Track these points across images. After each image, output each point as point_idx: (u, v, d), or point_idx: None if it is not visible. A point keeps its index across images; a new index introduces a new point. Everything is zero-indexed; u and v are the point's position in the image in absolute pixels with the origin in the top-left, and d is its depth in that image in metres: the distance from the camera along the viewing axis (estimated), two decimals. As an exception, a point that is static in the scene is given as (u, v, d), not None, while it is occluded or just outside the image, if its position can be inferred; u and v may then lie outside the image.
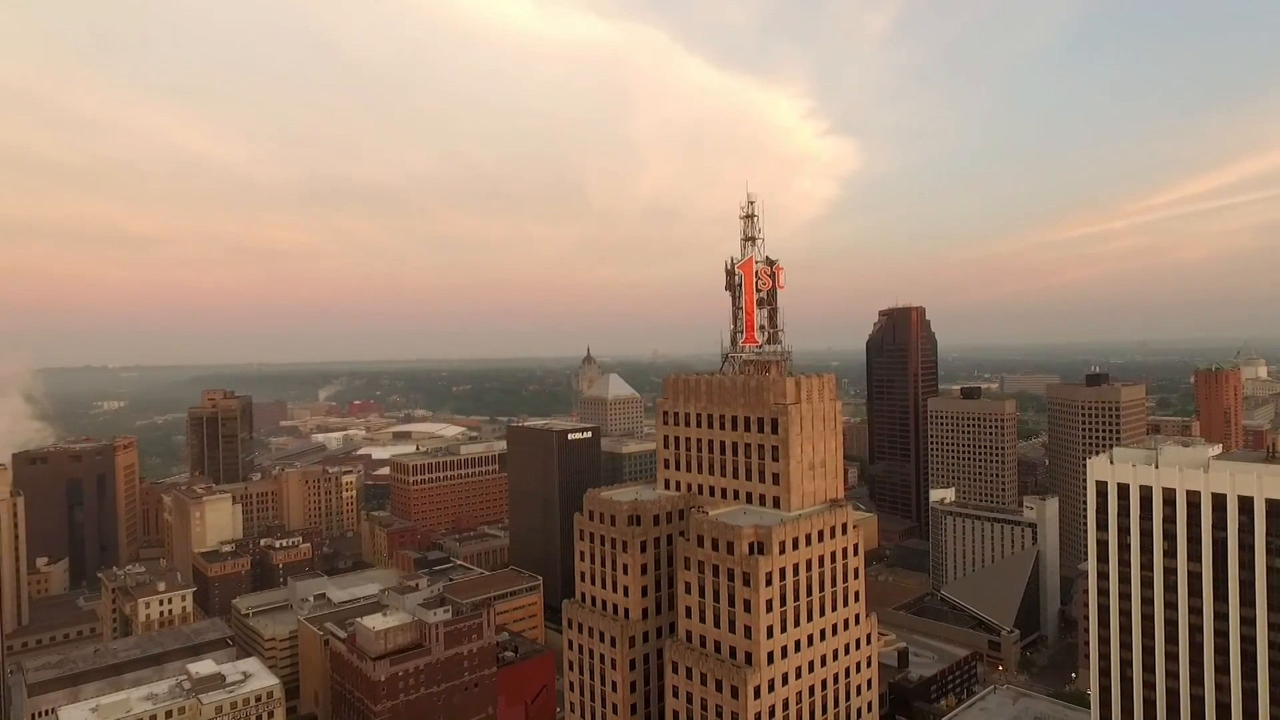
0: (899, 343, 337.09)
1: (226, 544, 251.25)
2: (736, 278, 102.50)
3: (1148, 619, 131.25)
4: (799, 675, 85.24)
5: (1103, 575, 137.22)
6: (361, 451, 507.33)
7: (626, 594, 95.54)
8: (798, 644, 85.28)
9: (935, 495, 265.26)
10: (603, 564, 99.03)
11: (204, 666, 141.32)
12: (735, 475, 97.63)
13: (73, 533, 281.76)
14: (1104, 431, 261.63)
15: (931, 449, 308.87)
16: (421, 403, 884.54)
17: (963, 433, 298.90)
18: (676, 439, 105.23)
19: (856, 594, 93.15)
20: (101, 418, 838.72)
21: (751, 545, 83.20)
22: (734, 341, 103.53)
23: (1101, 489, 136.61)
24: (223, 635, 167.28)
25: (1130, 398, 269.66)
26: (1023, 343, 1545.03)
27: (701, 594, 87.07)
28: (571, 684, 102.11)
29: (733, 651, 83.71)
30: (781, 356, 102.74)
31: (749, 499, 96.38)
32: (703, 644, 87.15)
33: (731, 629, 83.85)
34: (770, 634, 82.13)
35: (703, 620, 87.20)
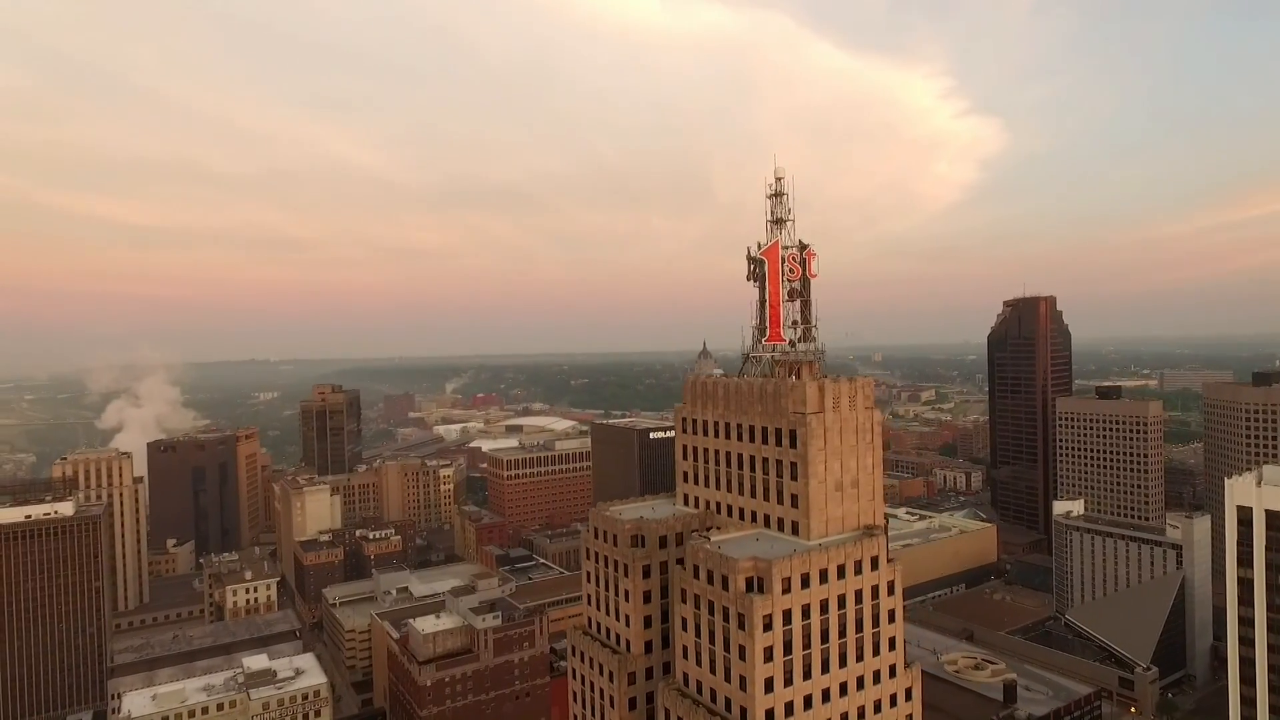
0: (1025, 336, 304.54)
1: (324, 533, 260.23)
2: (760, 266, 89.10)
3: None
4: (810, 737, 71.77)
5: (1246, 621, 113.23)
6: (474, 444, 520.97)
7: (628, 624, 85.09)
8: (809, 700, 71.75)
9: (1060, 507, 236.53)
10: (606, 588, 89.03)
11: (257, 661, 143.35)
12: (753, 494, 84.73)
13: (198, 517, 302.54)
14: (1273, 439, 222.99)
15: (1060, 454, 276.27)
16: (540, 396, 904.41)
17: (1098, 437, 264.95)
18: (695, 449, 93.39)
19: (892, 641, 78.03)
20: (257, 407, 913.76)
21: (749, 581, 70.54)
22: (756, 339, 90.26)
23: (1245, 516, 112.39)
24: (292, 627, 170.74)
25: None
26: (1192, 335, 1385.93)
27: (697, 633, 75.32)
28: (575, 718, 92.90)
29: (728, 704, 71.52)
30: (814, 356, 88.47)
31: (766, 522, 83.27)
32: (699, 690, 75.41)
33: (727, 677, 71.64)
34: (769, 688, 69.21)
35: (699, 663, 75.41)
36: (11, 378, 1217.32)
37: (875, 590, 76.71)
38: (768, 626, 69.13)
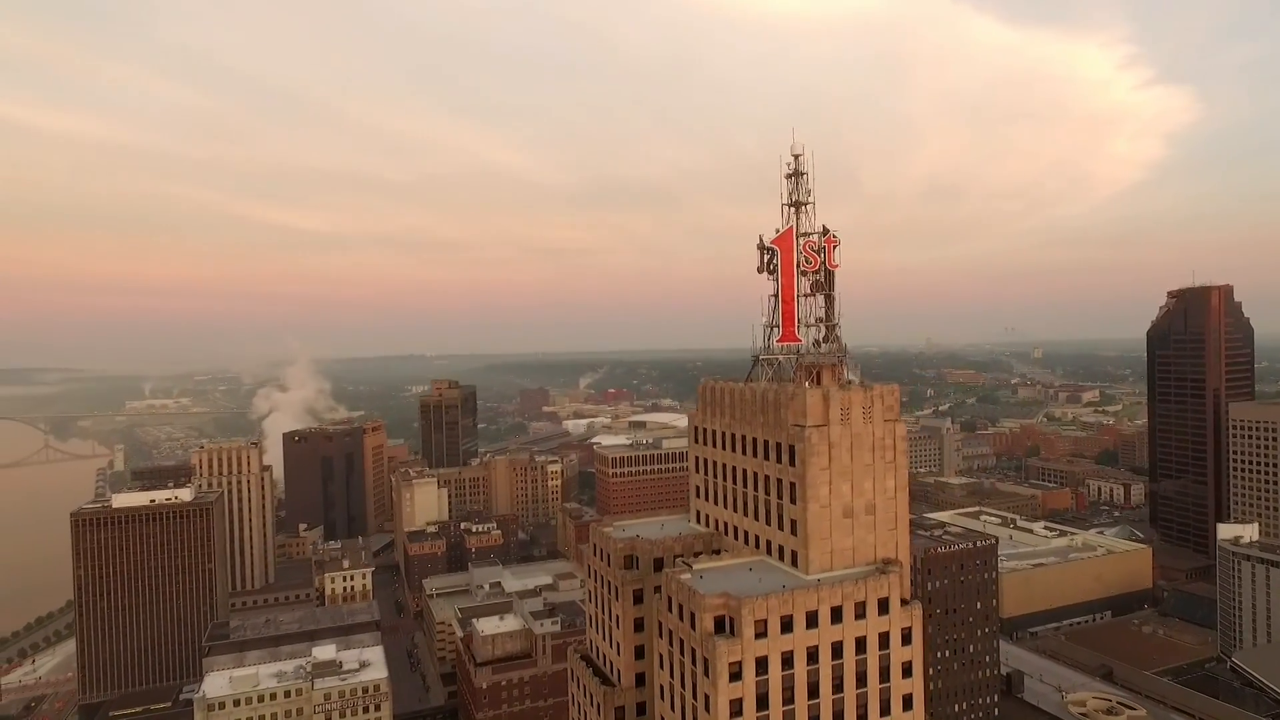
0: (1191, 332, 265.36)
1: (431, 525, 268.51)
2: (773, 256, 78.13)
3: None
4: (793, 808, 61.01)
5: None
6: (595, 439, 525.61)
7: (619, 651, 77.39)
8: (791, 764, 61.05)
9: (1227, 531, 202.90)
10: (601, 610, 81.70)
11: (325, 651, 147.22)
12: (756, 516, 74.33)
13: (326, 504, 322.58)
14: None
15: (1234, 469, 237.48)
16: (671, 393, 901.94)
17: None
18: (706, 462, 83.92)
19: (908, 699, 65.29)
20: (408, 399, 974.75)
21: (718, 621, 60.81)
22: (768, 339, 79.34)
23: None
24: (371, 619, 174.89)
25: None
26: None
27: (671, 673, 66.40)
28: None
29: (696, 760, 62.21)
30: (836, 359, 76.54)
31: (769, 548, 72.67)
32: (673, 739, 66.52)
33: (695, 729, 62.37)
34: (737, 748, 59.29)
35: (673, 707, 66.50)
36: (210, 370, 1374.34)
37: (884, 638, 64.41)
38: (736, 675, 59.21)
